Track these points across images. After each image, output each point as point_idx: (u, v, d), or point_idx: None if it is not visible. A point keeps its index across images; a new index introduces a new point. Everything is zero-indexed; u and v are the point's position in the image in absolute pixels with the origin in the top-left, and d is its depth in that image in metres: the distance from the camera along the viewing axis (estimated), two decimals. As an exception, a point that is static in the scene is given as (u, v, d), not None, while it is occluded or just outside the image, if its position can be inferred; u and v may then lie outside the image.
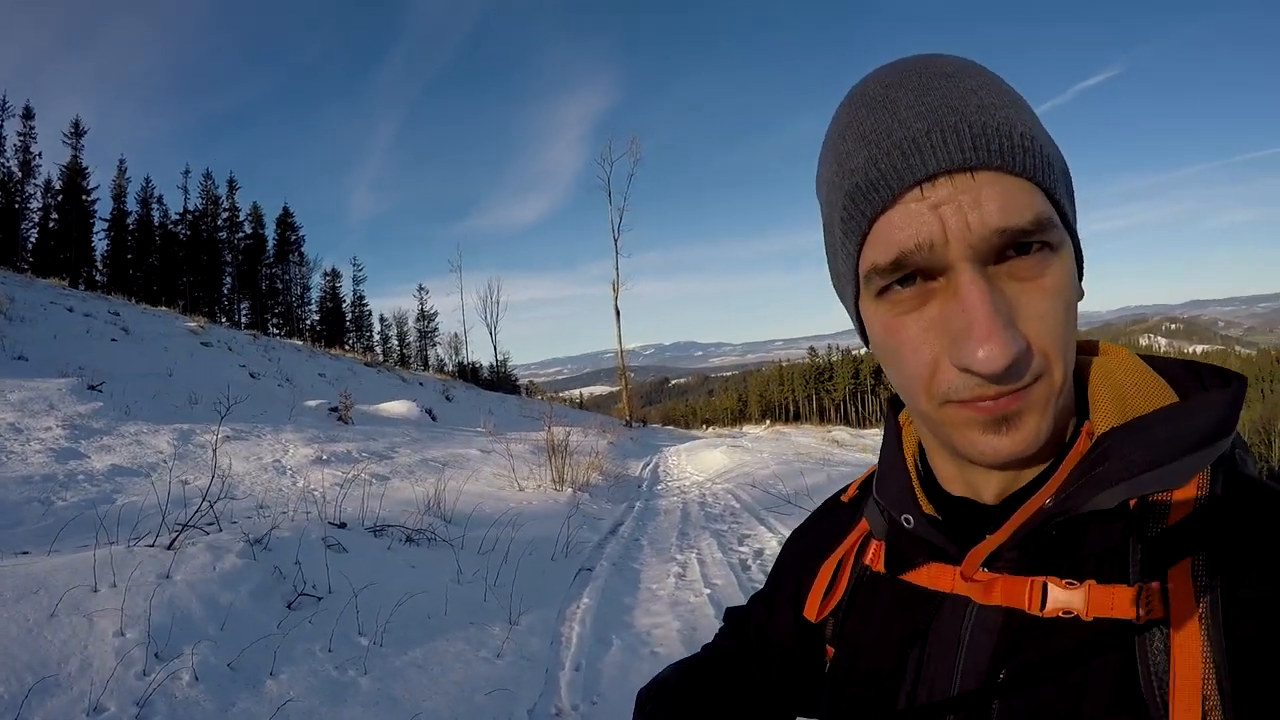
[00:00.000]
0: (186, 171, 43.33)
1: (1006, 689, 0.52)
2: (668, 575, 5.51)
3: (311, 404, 11.15)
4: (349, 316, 49.43)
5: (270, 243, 46.03)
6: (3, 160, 34.83)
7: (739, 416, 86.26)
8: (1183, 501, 0.49)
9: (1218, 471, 0.50)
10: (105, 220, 38.73)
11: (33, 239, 35.30)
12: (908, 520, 0.59)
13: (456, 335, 50.96)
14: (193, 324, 17.66)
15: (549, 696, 3.36)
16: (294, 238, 47.04)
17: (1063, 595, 0.50)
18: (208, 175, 43.91)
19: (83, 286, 22.77)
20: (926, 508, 0.59)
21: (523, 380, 54.82)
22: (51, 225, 36.03)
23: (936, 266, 0.47)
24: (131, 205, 40.20)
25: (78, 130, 38.13)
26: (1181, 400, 0.51)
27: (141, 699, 2.72)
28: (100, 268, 37.98)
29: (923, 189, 0.46)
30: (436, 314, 52.76)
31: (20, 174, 35.28)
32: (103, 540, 4.10)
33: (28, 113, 35.85)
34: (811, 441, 23.21)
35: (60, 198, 36.44)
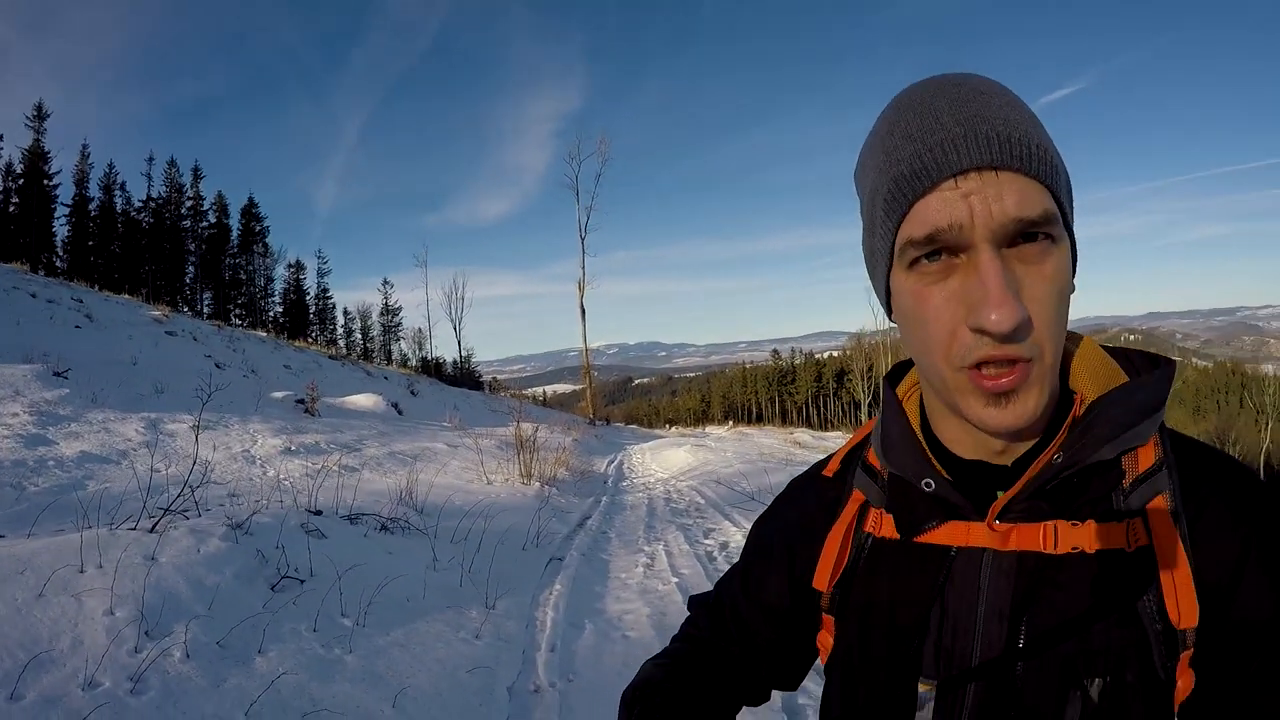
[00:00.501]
0: (150, 159, 42.03)
1: (1032, 619, 0.61)
2: (636, 565, 5.70)
3: (278, 395, 11.10)
4: (313, 309, 48.68)
5: (234, 233, 45.07)
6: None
7: (702, 417, 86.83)
8: (1146, 455, 0.62)
9: (1164, 432, 0.63)
10: (67, 206, 37.52)
11: (-9, 222, 34.19)
12: (928, 484, 0.65)
13: (420, 330, 50.56)
14: (156, 312, 17.36)
15: (527, 674, 3.53)
16: (259, 228, 46.15)
17: (1072, 534, 0.60)
18: (172, 163, 42.70)
19: (42, 272, 22.11)
20: (941, 472, 0.66)
21: (486, 377, 54.54)
22: (11, 209, 34.88)
23: (961, 244, 0.55)
24: (94, 191, 38.97)
25: (40, 113, 36.90)
26: (1133, 379, 0.64)
27: (135, 674, 2.82)
28: (61, 254, 36.80)
29: (957, 180, 0.55)
30: (401, 308, 52.23)
31: (-20, 157, 34.21)
32: (82, 525, 4.15)
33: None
34: (774, 442, 23.61)
35: (21, 181, 35.22)
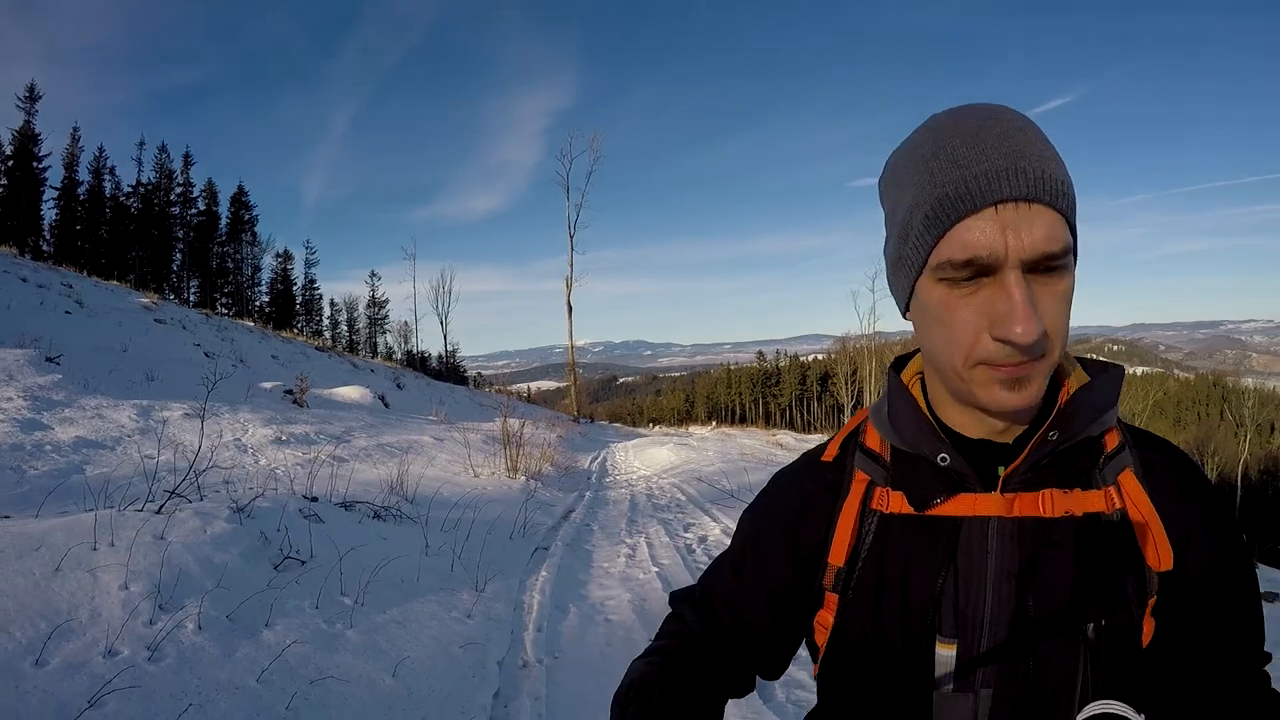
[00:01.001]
0: (141, 143, 41.60)
1: (1037, 576, 0.71)
2: (618, 555, 5.95)
3: (267, 386, 11.23)
4: (299, 299, 48.43)
5: (223, 221, 44.68)
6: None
7: (685, 417, 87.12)
8: (1112, 438, 0.75)
9: (1120, 422, 0.78)
10: (56, 189, 37.14)
11: (-19, 205, 33.81)
12: (944, 459, 0.73)
13: (406, 323, 50.37)
14: (145, 300, 17.37)
15: (516, 651, 3.77)
16: (248, 217, 45.82)
17: (1064, 501, 0.71)
18: (163, 148, 42.21)
19: (29, 256, 21.99)
20: (953, 449, 0.74)
21: (471, 372, 54.48)
22: (1, 191, 34.55)
23: (993, 267, 0.63)
24: (83, 175, 38.63)
25: (32, 95, 36.51)
26: (1093, 377, 0.76)
27: (152, 644, 3.02)
28: (48, 237, 36.48)
29: (997, 208, 0.62)
30: (388, 301, 52.02)
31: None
32: (86, 506, 4.33)
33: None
34: (756, 444, 23.90)
35: (11, 163, 34.89)
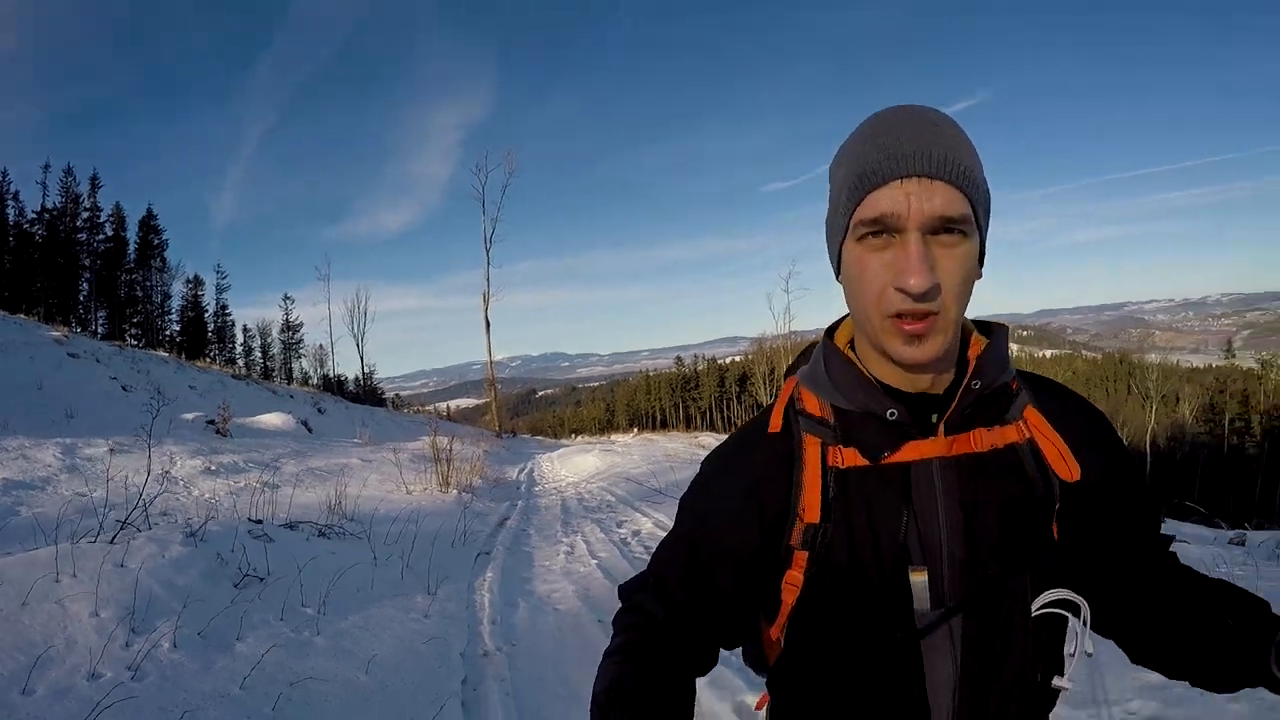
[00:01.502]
0: (46, 166, 38.42)
1: (978, 501, 0.85)
2: (558, 554, 6.31)
3: (188, 417, 10.98)
4: (211, 327, 46.07)
5: (131, 247, 41.77)
6: None
7: (607, 425, 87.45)
8: (1014, 382, 0.90)
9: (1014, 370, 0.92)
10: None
11: None
12: (892, 413, 0.85)
13: (322, 347, 48.60)
14: (56, 333, 16.46)
15: (475, 643, 4.09)
16: (157, 242, 42.99)
17: (989, 436, 0.85)
18: (69, 171, 38.71)
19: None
20: (898, 405, 0.85)
21: (389, 393, 53.23)
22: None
23: (898, 228, 0.76)
24: (-17, 202, 35.56)
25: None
26: (989, 336, 0.90)
27: (132, 665, 3.20)
28: (-55, 270, 33.36)
29: (902, 181, 0.75)
30: (302, 324, 49.83)
31: None
32: (29, 546, 4.37)
33: None
34: (679, 446, 24.47)
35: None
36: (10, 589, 3.59)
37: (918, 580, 0.84)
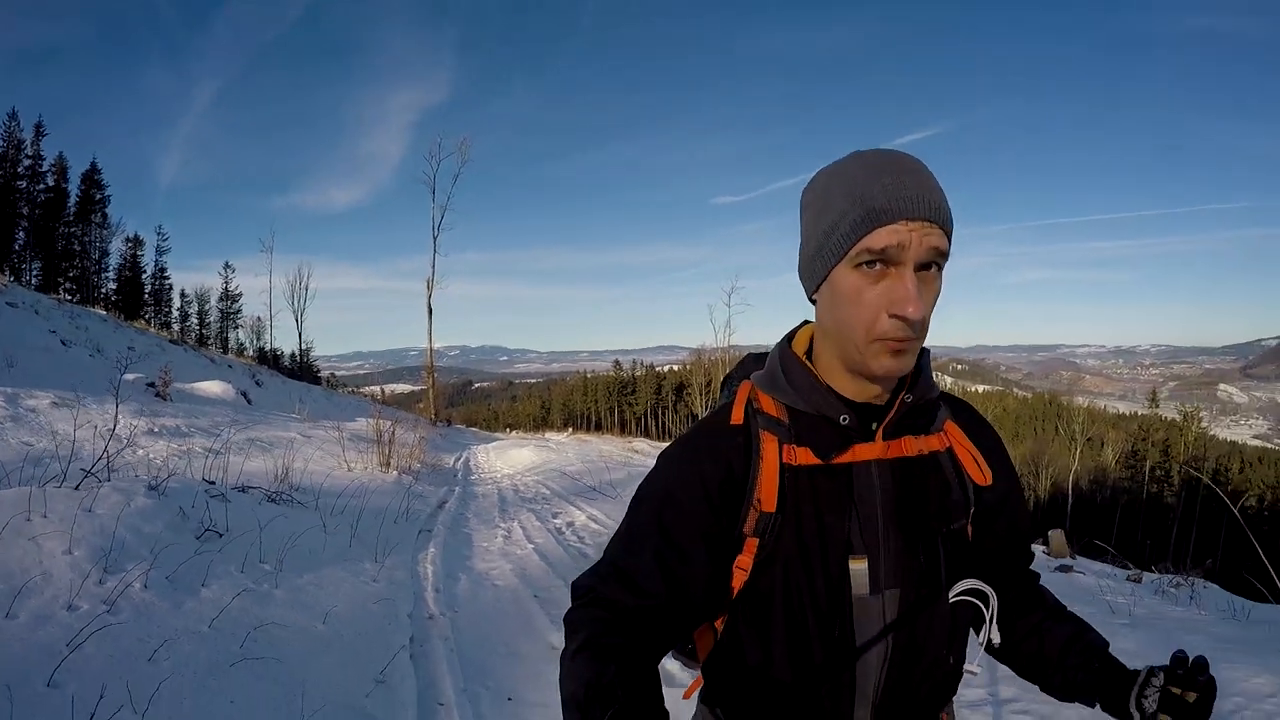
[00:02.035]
0: None
1: (910, 499, 0.97)
2: (495, 536, 6.70)
3: (129, 378, 10.86)
4: (149, 289, 44.37)
5: (72, 199, 39.91)
6: None
7: (542, 423, 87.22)
8: (938, 399, 1.03)
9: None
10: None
11: None
12: (845, 418, 0.96)
13: (260, 319, 47.31)
14: None
15: (421, 606, 4.47)
16: (99, 196, 40.98)
17: (918, 443, 0.99)
18: (13, 115, 36.85)
19: None
20: (849, 412, 0.96)
21: (325, 372, 52.12)
22: None
23: (897, 260, 0.87)
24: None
25: None
26: (919, 359, 0.98)
27: (108, 600, 3.47)
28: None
29: (908, 222, 0.86)
30: (241, 295, 48.43)
31: None
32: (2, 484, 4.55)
33: None
34: (613, 449, 24.87)
35: None
36: (-16, 525, 3.81)
37: (857, 567, 0.94)
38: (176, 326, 43.73)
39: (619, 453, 21.78)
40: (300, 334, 43.22)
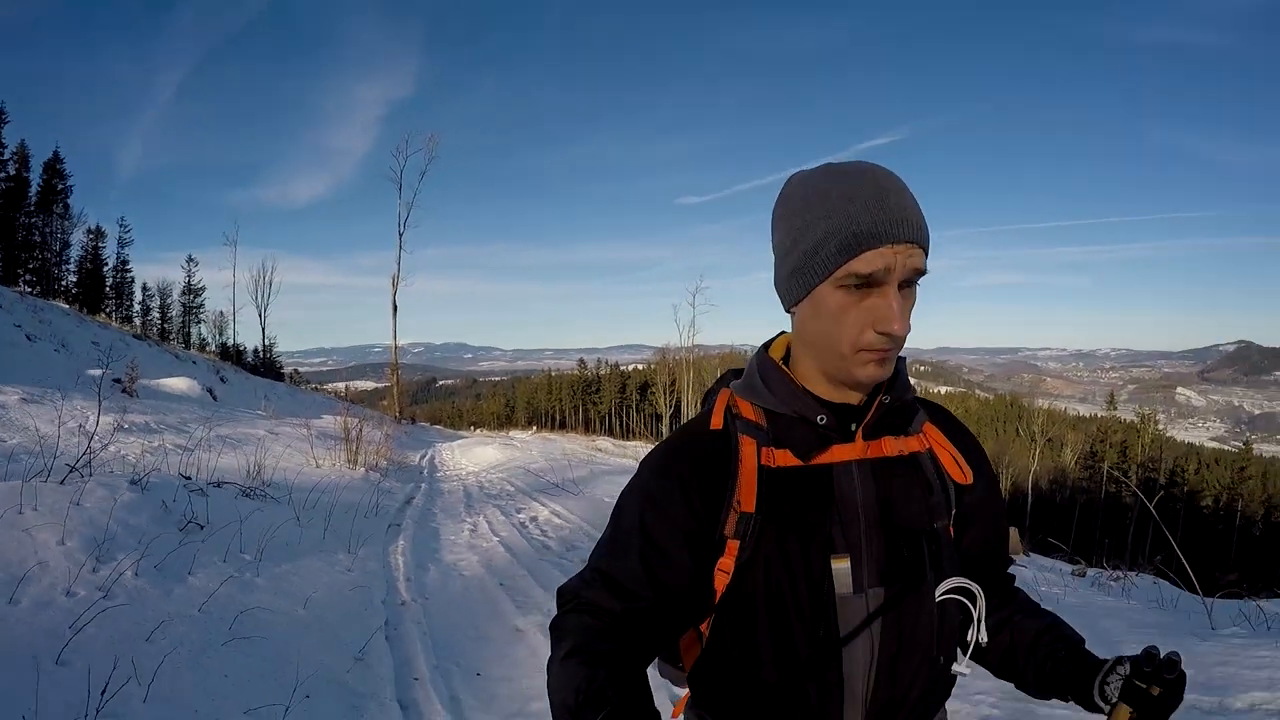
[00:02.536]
0: None
1: (891, 499, 0.98)
2: (462, 530, 7.02)
3: (94, 373, 10.90)
4: (110, 281, 43.31)
5: (34, 189, 38.92)
6: None
7: (506, 421, 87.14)
8: (915, 400, 1.06)
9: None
10: None
11: None
12: (823, 419, 0.98)
13: (223, 313, 46.51)
14: None
15: (394, 594, 4.79)
16: (61, 186, 39.73)
17: (896, 444, 1.00)
18: None
19: None
20: (827, 413, 0.99)
21: (288, 368, 51.52)
22: None
23: (882, 282, 0.89)
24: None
25: None
26: (895, 362, 1.01)
27: (103, 587, 3.74)
28: None
29: (894, 246, 0.88)
30: (204, 289, 47.61)
31: None
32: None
33: None
34: (577, 447, 25.14)
35: None
36: (-21, 516, 4.05)
37: (840, 567, 0.94)
38: (138, 321, 42.90)
39: (583, 451, 22.07)
40: (264, 330, 42.73)
